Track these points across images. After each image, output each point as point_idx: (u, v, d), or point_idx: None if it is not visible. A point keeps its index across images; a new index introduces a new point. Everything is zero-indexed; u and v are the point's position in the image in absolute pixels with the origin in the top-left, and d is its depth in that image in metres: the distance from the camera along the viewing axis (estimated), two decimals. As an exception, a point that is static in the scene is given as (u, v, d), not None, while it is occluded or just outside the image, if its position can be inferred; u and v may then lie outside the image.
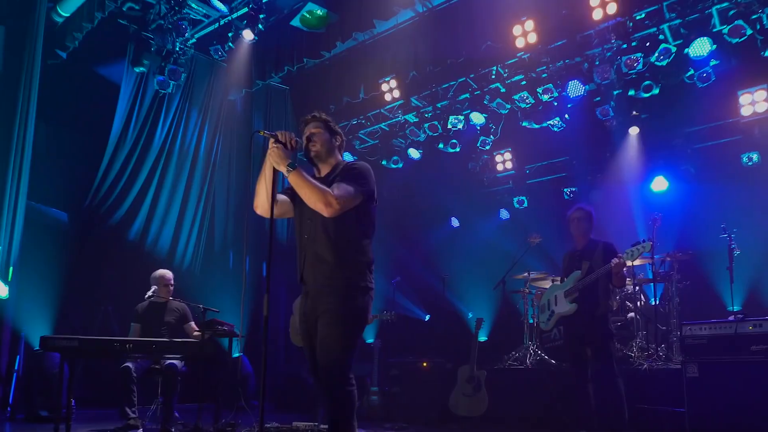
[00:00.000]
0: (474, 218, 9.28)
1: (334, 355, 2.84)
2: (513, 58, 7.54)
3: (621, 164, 7.91)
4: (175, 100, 8.29)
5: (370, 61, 8.35)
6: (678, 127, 7.62)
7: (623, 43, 6.71)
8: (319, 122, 3.18)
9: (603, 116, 7.06)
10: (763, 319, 4.27)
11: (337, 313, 2.88)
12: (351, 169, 3.05)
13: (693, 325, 4.53)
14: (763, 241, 6.26)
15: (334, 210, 2.86)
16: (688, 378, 4.35)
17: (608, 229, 7.61)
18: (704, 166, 7.36)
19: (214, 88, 8.75)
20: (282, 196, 3.19)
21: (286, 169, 2.90)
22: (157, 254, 7.66)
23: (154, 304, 5.41)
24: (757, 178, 6.87)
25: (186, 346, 4.66)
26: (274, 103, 9.46)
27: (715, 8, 6.18)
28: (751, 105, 6.93)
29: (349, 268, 2.96)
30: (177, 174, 8.17)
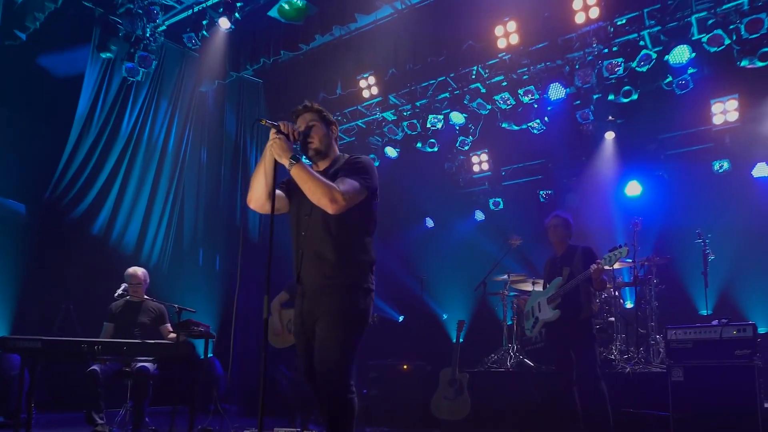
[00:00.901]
0: (449, 219, 9.24)
1: (333, 361, 2.69)
2: (494, 58, 7.51)
3: (596, 168, 8.00)
4: (143, 89, 7.93)
5: (347, 57, 8.19)
6: (652, 133, 7.76)
7: (604, 47, 6.77)
8: (313, 113, 3.01)
9: (583, 120, 7.11)
10: (746, 324, 4.33)
11: (337, 315, 2.73)
12: (355, 163, 2.90)
13: (678, 329, 4.57)
14: (734, 246, 6.41)
15: (339, 206, 2.70)
16: (673, 382, 4.38)
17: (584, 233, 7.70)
18: (677, 172, 7.51)
19: (185, 79, 8.43)
20: (277, 191, 3.01)
21: (289, 162, 2.73)
22: (123, 250, 7.30)
23: (130, 303, 5.15)
24: (728, 186, 7.04)
25: (160, 348, 4.41)
26: (247, 96, 9.20)
27: (695, 17, 6.29)
28: (723, 114, 7.11)
29: (351, 268, 2.82)
30: (144, 167, 7.81)
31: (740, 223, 6.54)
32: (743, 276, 6.53)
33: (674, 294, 6.51)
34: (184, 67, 8.42)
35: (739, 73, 6.60)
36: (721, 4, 6.11)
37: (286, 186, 3.02)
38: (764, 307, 6.32)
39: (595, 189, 7.94)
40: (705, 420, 4.21)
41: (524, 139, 8.09)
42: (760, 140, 6.93)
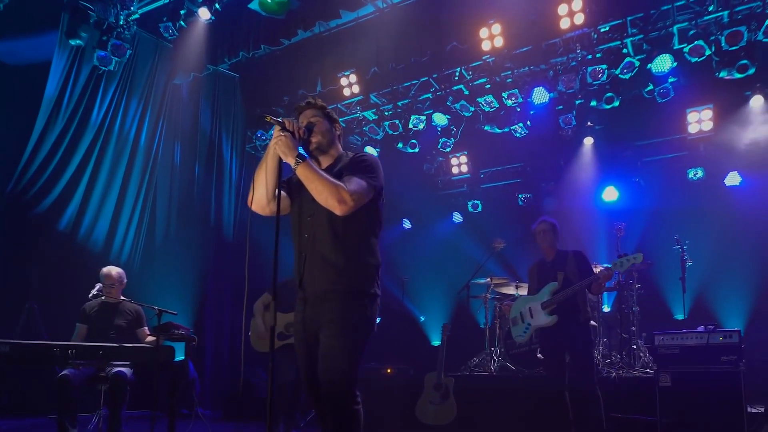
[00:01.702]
0: (427, 221, 9.20)
1: (339, 370, 2.57)
2: (478, 60, 7.49)
3: (575, 173, 8.09)
4: (114, 79, 7.58)
5: (328, 54, 8.05)
6: (629, 140, 7.90)
7: (588, 53, 6.83)
8: (316, 109, 2.88)
9: (566, 125, 7.17)
10: (732, 331, 4.42)
11: (343, 322, 2.61)
12: (361, 161, 2.79)
13: (665, 335, 4.63)
14: (708, 252, 6.56)
15: (348, 207, 2.59)
16: (661, 387, 4.43)
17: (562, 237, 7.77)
18: (653, 178, 7.66)
19: (158, 71, 8.10)
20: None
21: (295, 160, 2.60)
22: (91, 247, 6.96)
23: (105, 304, 4.89)
24: (703, 193, 7.22)
25: (139, 352, 4.20)
26: (222, 91, 8.92)
27: (676, 27, 6.40)
28: (698, 123, 7.31)
29: (358, 272, 2.70)
30: (115, 160, 7.47)
31: (714, 229, 6.72)
32: (717, 281, 6.70)
33: (651, 298, 6.62)
34: (158, 59, 8.10)
35: (715, 84, 6.78)
36: (702, 15, 6.25)
37: (287, 186, 2.88)
38: (737, 312, 6.49)
39: (573, 193, 8.03)
40: (692, 425, 4.27)
41: (503, 142, 8.12)
42: (732, 150, 7.13)
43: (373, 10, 7.64)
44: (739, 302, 6.54)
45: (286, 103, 8.74)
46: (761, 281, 6.56)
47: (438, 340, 8.33)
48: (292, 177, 2.87)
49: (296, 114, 2.90)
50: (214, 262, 8.03)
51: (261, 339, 5.38)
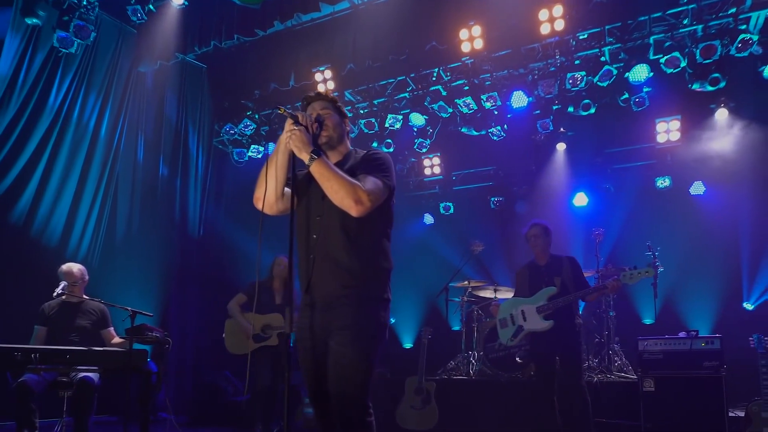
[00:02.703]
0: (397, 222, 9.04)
1: (353, 381, 2.41)
2: (457, 62, 7.44)
3: (546, 178, 8.18)
4: (74, 63, 7.11)
5: (303, 48, 7.85)
6: (599, 147, 8.04)
7: (566, 60, 6.90)
8: (327, 102, 2.74)
9: (543, 129, 7.22)
10: (715, 337, 4.53)
11: (357, 330, 2.45)
12: (375, 159, 2.65)
13: (649, 340, 4.68)
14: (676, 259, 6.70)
15: (364, 208, 2.44)
16: (645, 392, 4.48)
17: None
18: (622, 185, 7.82)
19: (122, 57, 7.67)
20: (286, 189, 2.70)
21: (310, 156, 2.43)
22: (46, 241, 6.50)
23: (66, 304, 4.54)
24: (670, 201, 7.42)
25: (110, 357, 3.92)
26: (189, 81, 8.54)
27: (653, 38, 6.55)
28: (666, 133, 7.52)
29: (371, 276, 2.56)
30: (73, 149, 7.01)
31: (680, 237, 6.89)
32: (684, 287, 6.88)
33: (619, 302, 6.73)
34: (121, 44, 7.67)
35: (683, 95, 6.99)
36: (677, 28, 6.42)
37: (293, 184, 2.71)
38: (704, 318, 6.69)
39: (545, 198, 8.11)
40: (675, 429, 4.33)
41: (476, 144, 8.12)
42: (697, 160, 7.36)
43: (349, 6, 7.49)
44: (705, 308, 6.75)
45: (257, 96, 8.47)
46: (726, 288, 6.79)
47: (410, 343, 8.26)
48: (296, 174, 2.70)
49: (304, 105, 2.75)
50: (178, 260, 7.67)
51: (245, 339, 5.13)
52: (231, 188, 8.67)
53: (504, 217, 8.42)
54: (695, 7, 6.24)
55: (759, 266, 6.74)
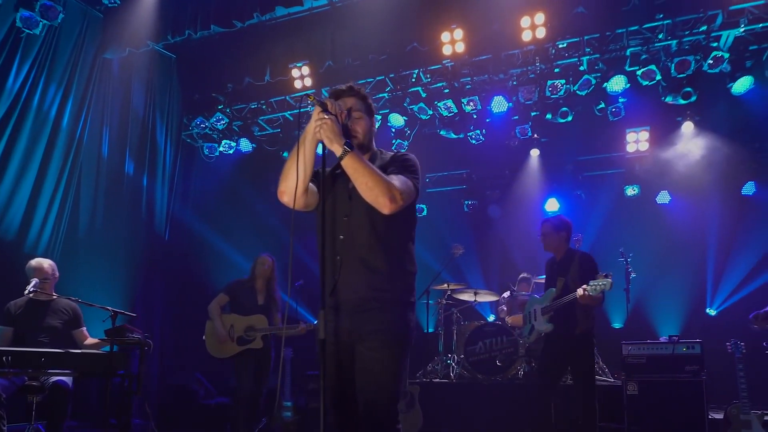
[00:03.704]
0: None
1: (385, 388, 2.32)
2: (437, 64, 7.44)
3: (519, 183, 8.29)
4: (34, 46, 6.68)
5: (279, 42, 7.65)
6: (571, 154, 8.23)
7: (546, 67, 7.00)
8: (358, 99, 2.63)
9: (522, 135, 7.31)
10: (696, 342, 4.68)
11: (389, 335, 2.36)
12: (405, 160, 2.58)
13: (632, 344, 4.79)
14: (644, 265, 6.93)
15: (396, 207, 2.34)
16: (629, 395, 4.58)
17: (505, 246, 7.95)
18: (593, 192, 8.02)
19: (86, 42, 7.24)
20: (310, 184, 2.58)
21: (342, 148, 2.30)
22: (2, 234, 6.07)
23: (34, 302, 4.24)
24: (639, 209, 7.66)
25: (89, 360, 3.68)
26: (157, 71, 8.17)
27: (630, 50, 6.74)
28: (636, 143, 7.76)
29: (400, 279, 2.48)
30: (33, 137, 6.56)
31: (649, 244, 7.13)
32: (652, 293, 7.11)
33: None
34: (86, 28, 7.24)
35: (653, 107, 7.23)
36: (653, 42, 6.62)
37: (314, 178, 2.59)
38: (671, 323, 6.94)
39: (518, 203, 8.23)
40: (658, 431, 4.44)
41: (450, 147, 8.15)
42: (664, 170, 7.64)
43: (327, 2, 7.36)
44: (671, 313, 7.00)
45: (230, 90, 8.22)
46: (691, 294, 7.07)
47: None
48: (319, 169, 2.59)
49: (333, 97, 2.62)
50: (144, 257, 7.32)
51: (220, 344, 4.94)
52: (200, 184, 8.37)
53: (477, 220, 8.48)
54: (670, 22, 6.46)
55: (722, 274, 7.05)
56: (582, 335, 4.32)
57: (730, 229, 7.11)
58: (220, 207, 8.18)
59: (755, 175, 7.27)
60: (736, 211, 7.17)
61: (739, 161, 7.23)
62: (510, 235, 7.97)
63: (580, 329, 4.31)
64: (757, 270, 6.79)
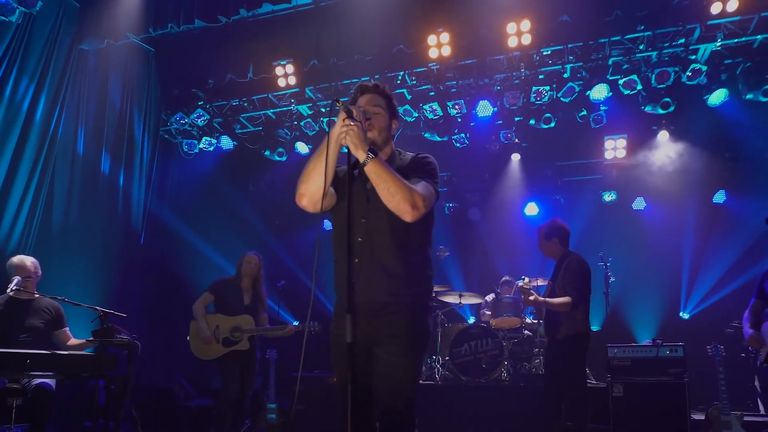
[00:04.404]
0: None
1: (404, 392, 2.32)
2: (423, 67, 7.46)
3: (500, 186, 8.39)
4: (7, 34, 6.41)
5: (263, 39, 7.55)
6: (550, 159, 8.37)
7: (530, 73, 7.11)
8: (382, 98, 2.61)
9: (506, 140, 7.39)
10: (678, 345, 4.81)
11: (408, 339, 2.36)
12: (426, 163, 2.58)
13: (617, 347, 4.90)
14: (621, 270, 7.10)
15: (419, 214, 2.34)
16: (614, 397, 4.68)
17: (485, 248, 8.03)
18: (572, 197, 8.18)
19: (62, 32, 6.99)
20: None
21: (367, 154, 2.29)
22: (-29, 230, 5.82)
23: (15, 301, 4.07)
24: (616, 215, 7.85)
25: (77, 362, 3.55)
26: (135, 65, 7.95)
27: (612, 60, 6.90)
28: (613, 150, 7.95)
29: (419, 284, 2.47)
30: (4, 130, 6.29)
31: (625, 249, 7.31)
32: (628, 297, 7.29)
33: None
34: (62, 17, 6.99)
35: (630, 115, 7.43)
36: (634, 52, 6.80)
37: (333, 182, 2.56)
38: (646, 325, 7.13)
39: (498, 206, 8.32)
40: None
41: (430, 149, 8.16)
42: (640, 177, 7.86)
43: (311, 1, 7.30)
44: (647, 316, 7.19)
45: (211, 86, 8.06)
46: (666, 298, 7.28)
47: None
48: (337, 172, 2.56)
49: (358, 93, 2.60)
50: (120, 255, 7.11)
51: (206, 344, 4.83)
52: (178, 181, 8.18)
53: (458, 223, 8.55)
54: (651, 34, 6.64)
55: (696, 279, 7.29)
56: (565, 340, 4.34)
57: (703, 236, 7.36)
58: (199, 205, 8.02)
59: (726, 184, 7.54)
60: (708, 218, 7.43)
61: (711, 170, 7.49)
62: (490, 238, 8.07)
63: (562, 334, 4.34)
64: (728, 276, 7.04)
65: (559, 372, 4.36)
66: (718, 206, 7.55)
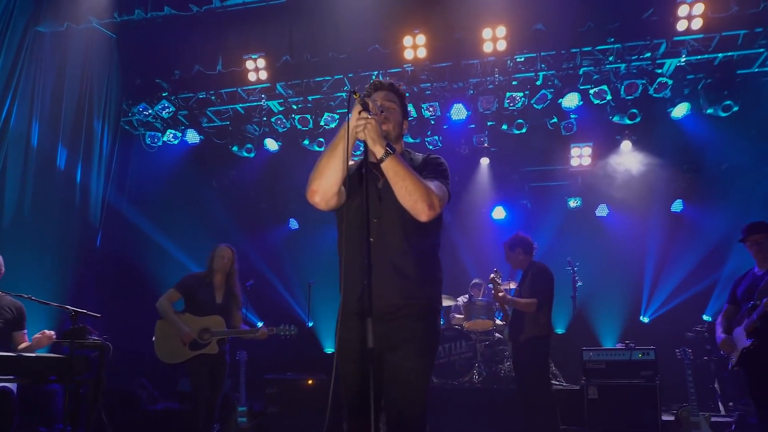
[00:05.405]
0: (316, 222, 8.83)
1: (418, 396, 2.29)
2: (398, 67, 7.43)
3: (468, 190, 8.46)
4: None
5: (234, 31, 7.34)
6: (518, 165, 8.50)
7: (504, 79, 7.20)
8: (395, 95, 2.56)
9: (479, 144, 7.45)
10: (650, 348, 4.96)
11: (423, 343, 2.32)
12: (439, 164, 2.54)
13: (592, 351, 5.01)
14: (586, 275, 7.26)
15: (434, 214, 2.30)
16: (589, 399, 4.78)
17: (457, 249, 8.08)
18: (538, 202, 8.34)
19: (16, 13, 6.57)
20: None
21: (385, 150, 2.22)
22: None
23: (-26, 299, 3.75)
24: (580, 221, 8.06)
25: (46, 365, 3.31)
26: (96, 51, 7.54)
27: (582, 69, 7.08)
28: (579, 158, 8.16)
29: (430, 286, 2.43)
30: (-49, 115, 5.88)
31: (590, 254, 7.50)
32: (592, 301, 7.48)
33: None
34: (16, -3, 6.59)
35: (596, 124, 7.63)
36: (604, 63, 6.99)
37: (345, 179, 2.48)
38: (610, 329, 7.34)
39: (467, 209, 8.39)
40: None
41: (402, 151, 8.16)
42: (603, 185, 8.09)
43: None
44: (610, 320, 7.41)
45: (177, 77, 7.74)
46: (628, 302, 7.52)
47: (332, 347, 8.04)
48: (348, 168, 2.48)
49: (371, 89, 2.53)
50: (76, 251, 6.73)
51: (186, 344, 4.57)
52: (140, 175, 7.83)
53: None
54: (620, 47, 6.85)
55: (657, 284, 7.57)
56: (528, 341, 4.49)
57: (663, 243, 7.64)
58: (162, 200, 7.70)
59: (684, 194, 7.87)
60: (668, 226, 7.72)
61: (670, 180, 7.79)
62: (459, 241, 8.11)
63: (525, 336, 4.50)
64: (686, 283, 7.34)
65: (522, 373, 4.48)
66: (677, 215, 7.88)
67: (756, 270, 3.92)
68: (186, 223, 7.66)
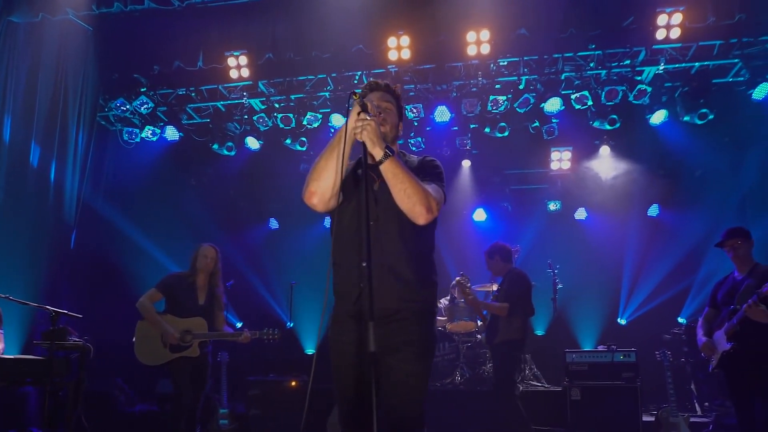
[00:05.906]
0: (296, 222, 8.76)
1: (417, 401, 2.28)
2: (381, 68, 7.41)
3: (450, 192, 8.47)
4: None
5: (215, 27, 7.22)
6: (499, 167, 8.57)
7: (487, 82, 7.24)
8: (391, 96, 2.54)
9: (462, 147, 7.48)
10: (631, 350, 5.04)
11: (422, 346, 2.32)
12: (435, 167, 2.54)
13: (575, 353, 5.07)
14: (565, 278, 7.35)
15: (432, 217, 2.31)
16: (572, 400, 4.84)
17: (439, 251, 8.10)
18: (519, 205, 8.42)
19: (-10, 1, 6.38)
20: None
21: (384, 152, 2.21)
22: None
23: (-50, 299, 3.59)
24: (560, 224, 8.16)
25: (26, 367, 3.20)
26: (72, 44, 7.32)
27: (564, 75, 7.17)
28: (559, 161, 8.26)
29: (427, 289, 2.43)
30: None
31: (569, 257, 7.59)
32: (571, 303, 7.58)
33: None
34: (-11, -15, 6.38)
35: (576, 128, 7.75)
36: (585, 69, 7.10)
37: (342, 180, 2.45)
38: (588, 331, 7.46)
39: (449, 211, 8.40)
40: (598, 434, 4.74)
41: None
42: (582, 188, 8.21)
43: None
44: (588, 322, 7.52)
45: (156, 72, 7.57)
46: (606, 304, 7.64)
47: (312, 349, 7.98)
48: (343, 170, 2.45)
49: (366, 90, 2.50)
50: (50, 249, 6.52)
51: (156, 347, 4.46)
52: (117, 172, 7.65)
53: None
54: (601, 54, 6.97)
55: (634, 286, 7.71)
56: (501, 344, 4.65)
57: (639, 246, 7.79)
58: (140, 197, 7.53)
59: (660, 199, 8.04)
60: (645, 230, 7.88)
61: (646, 185, 7.94)
62: (441, 242, 8.08)
63: (499, 339, 4.66)
64: (662, 286, 7.50)
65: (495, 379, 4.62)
66: (653, 219, 8.04)
67: (736, 274, 4.02)
68: (164, 222, 7.51)
